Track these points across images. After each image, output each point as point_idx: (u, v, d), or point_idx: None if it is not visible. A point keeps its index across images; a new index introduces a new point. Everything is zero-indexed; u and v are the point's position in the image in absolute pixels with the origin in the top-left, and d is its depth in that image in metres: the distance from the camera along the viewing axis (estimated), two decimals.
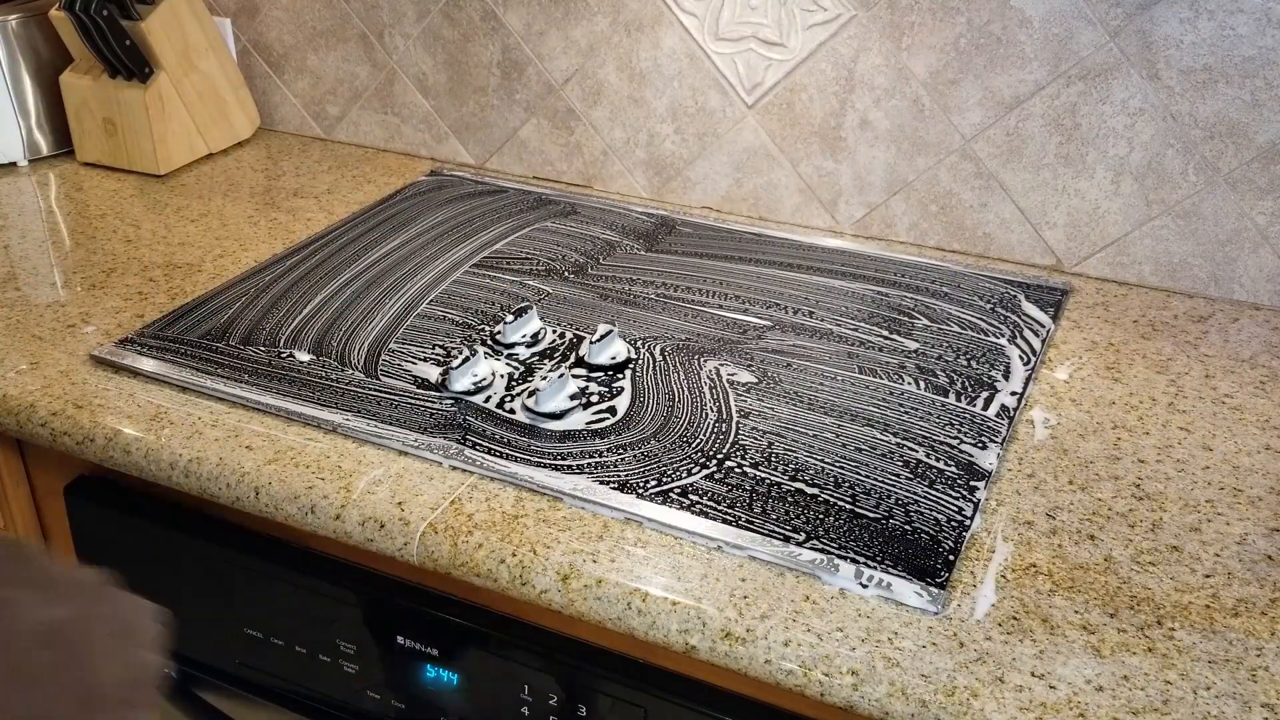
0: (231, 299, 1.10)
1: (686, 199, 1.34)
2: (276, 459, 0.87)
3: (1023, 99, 1.12)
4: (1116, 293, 1.13)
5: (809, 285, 1.15)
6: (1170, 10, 1.03)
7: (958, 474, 0.85)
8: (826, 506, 0.81)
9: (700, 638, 0.72)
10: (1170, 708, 0.65)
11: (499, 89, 1.39)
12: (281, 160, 1.48)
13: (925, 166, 1.19)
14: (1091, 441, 0.89)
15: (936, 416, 0.92)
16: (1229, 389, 0.96)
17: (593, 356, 0.98)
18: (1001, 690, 0.66)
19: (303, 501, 0.84)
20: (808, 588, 0.74)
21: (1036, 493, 0.83)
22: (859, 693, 0.68)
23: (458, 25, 1.37)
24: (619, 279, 1.16)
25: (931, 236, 1.22)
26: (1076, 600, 0.73)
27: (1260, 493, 0.83)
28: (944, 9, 1.12)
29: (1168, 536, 0.79)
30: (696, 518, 0.79)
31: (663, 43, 1.26)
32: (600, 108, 1.34)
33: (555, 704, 0.82)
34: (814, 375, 0.98)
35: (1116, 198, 1.12)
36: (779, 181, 1.28)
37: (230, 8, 1.51)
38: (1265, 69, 1.02)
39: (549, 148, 1.39)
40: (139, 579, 0.96)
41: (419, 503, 0.82)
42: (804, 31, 1.19)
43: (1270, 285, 1.09)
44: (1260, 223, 1.07)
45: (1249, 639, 0.70)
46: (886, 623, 0.71)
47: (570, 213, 1.32)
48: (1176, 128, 1.08)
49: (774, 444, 0.88)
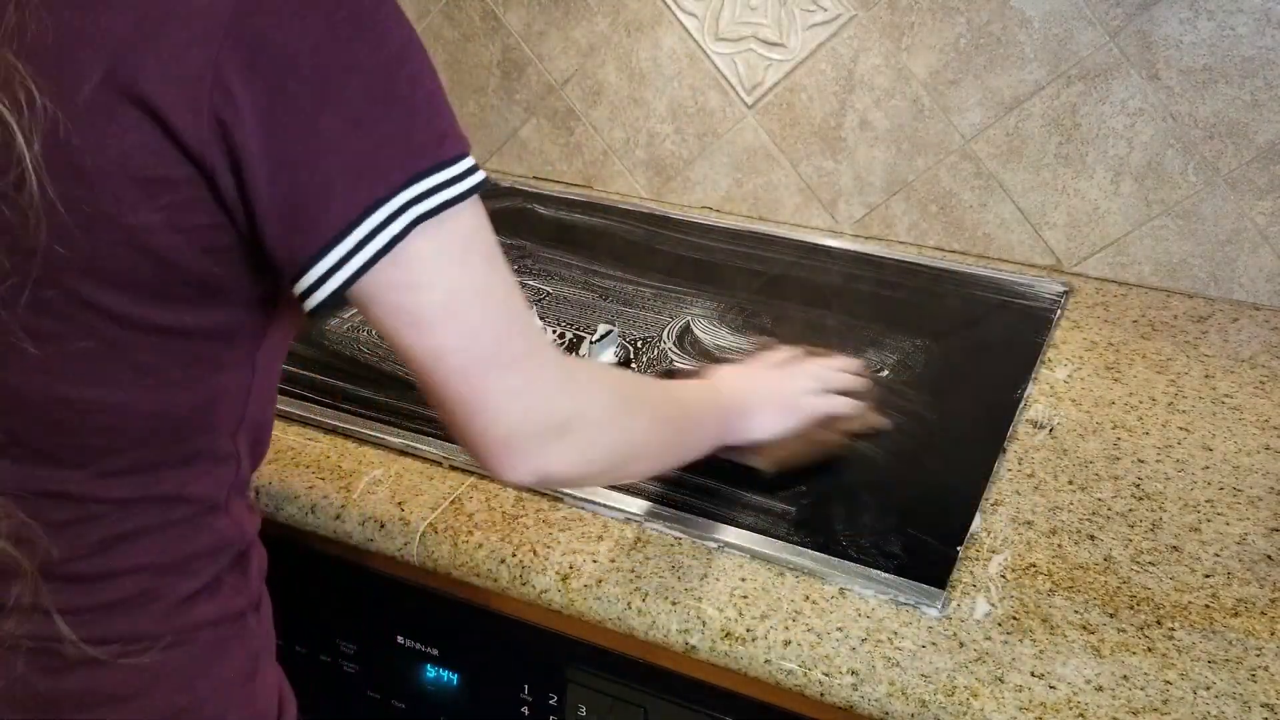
0: None
1: (686, 199, 1.34)
2: (276, 459, 0.87)
3: (1022, 99, 1.12)
4: (1116, 293, 1.13)
5: (809, 285, 1.15)
6: (1170, 10, 1.03)
7: (958, 474, 0.85)
8: (826, 505, 0.81)
9: (700, 638, 0.72)
10: (1170, 708, 0.65)
11: (499, 89, 1.39)
12: None
13: (925, 166, 1.19)
14: (1091, 441, 0.89)
15: (936, 416, 0.92)
16: (1229, 389, 0.96)
17: (593, 356, 0.98)
18: (1001, 690, 0.66)
19: (303, 501, 0.84)
20: (808, 588, 0.74)
21: (1036, 493, 0.83)
22: (859, 693, 0.68)
23: (458, 25, 1.37)
24: (619, 279, 1.16)
25: (931, 236, 1.22)
26: (1076, 600, 0.73)
27: (1260, 493, 0.83)
28: (944, 9, 1.12)
29: (1167, 536, 0.79)
30: (698, 518, 0.79)
31: (663, 43, 1.27)
32: (600, 108, 1.34)
33: (555, 704, 0.82)
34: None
35: (1116, 198, 1.12)
36: (779, 181, 1.28)
37: None
38: (1265, 69, 1.02)
39: (549, 148, 1.39)
40: None
41: (419, 503, 0.82)
42: (804, 31, 1.19)
43: (1270, 285, 1.09)
44: (1260, 223, 1.07)
45: (1249, 639, 0.70)
46: (886, 622, 0.71)
47: (570, 213, 1.32)
48: (1176, 128, 1.08)
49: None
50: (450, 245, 0.55)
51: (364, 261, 0.52)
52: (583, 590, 0.75)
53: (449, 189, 0.54)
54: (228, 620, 0.65)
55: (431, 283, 0.55)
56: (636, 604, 0.74)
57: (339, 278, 0.53)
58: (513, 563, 0.77)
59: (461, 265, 0.56)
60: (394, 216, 0.52)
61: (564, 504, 0.82)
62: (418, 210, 0.53)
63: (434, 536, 0.80)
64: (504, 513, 0.81)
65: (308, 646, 0.92)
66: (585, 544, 0.78)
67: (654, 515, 0.80)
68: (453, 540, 0.79)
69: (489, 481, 0.84)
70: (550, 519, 0.80)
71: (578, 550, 0.77)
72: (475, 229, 0.56)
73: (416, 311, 0.55)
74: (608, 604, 0.75)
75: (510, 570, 0.77)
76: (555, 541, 0.78)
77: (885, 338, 1.04)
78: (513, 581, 0.77)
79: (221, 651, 0.65)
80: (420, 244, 0.53)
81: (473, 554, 0.78)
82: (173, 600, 0.62)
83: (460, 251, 0.55)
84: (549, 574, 0.76)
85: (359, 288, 0.53)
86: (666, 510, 0.80)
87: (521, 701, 0.83)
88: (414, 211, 0.52)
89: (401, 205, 0.52)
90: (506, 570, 0.77)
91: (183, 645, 0.63)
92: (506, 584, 0.77)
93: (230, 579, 0.65)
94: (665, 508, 0.80)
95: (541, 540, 0.78)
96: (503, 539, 0.79)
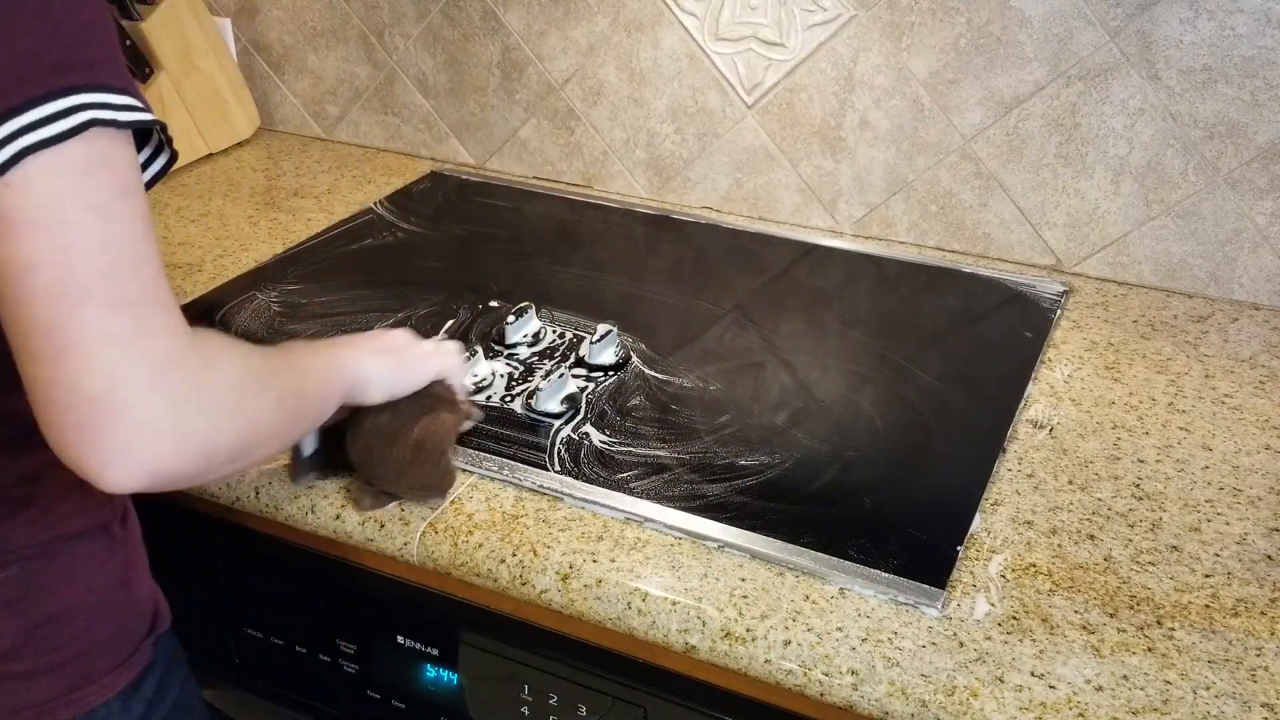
0: (231, 299, 1.10)
1: (686, 199, 1.34)
2: (277, 459, 0.87)
3: (1023, 99, 1.12)
4: (1116, 293, 1.13)
5: (809, 285, 1.15)
6: (1170, 10, 1.03)
7: (958, 474, 0.85)
8: (826, 506, 0.81)
9: (700, 637, 0.72)
10: (1170, 707, 0.65)
11: (499, 89, 1.39)
12: (281, 160, 1.48)
13: (925, 166, 1.19)
14: (1091, 441, 0.89)
15: (936, 416, 0.92)
16: (1229, 389, 0.96)
17: (593, 357, 0.98)
18: (1001, 690, 0.66)
19: (303, 501, 0.84)
20: (808, 587, 0.74)
21: (1036, 493, 0.83)
22: (859, 692, 0.68)
23: (458, 25, 1.37)
24: (618, 278, 1.16)
25: (931, 236, 1.22)
26: (1076, 600, 0.73)
27: (1260, 493, 0.83)
28: (944, 9, 1.12)
29: (1167, 536, 0.79)
30: (697, 517, 0.79)
31: (663, 43, 1.27)
32: (600, 108, 1.34)
33: (555, 704, 0.82)
34: (813, 374, 0.98)
35: (1116, 198, 1.12)
36: (779, 181, 1.28)
37: (230, 8, 1.51)
38: (1265, 69, 1.02)
39: (549, 148, 1.39)
40: None
41: None
42: (804, 31, 1.19)
43: (1270, 285, 1.09)
44: (1260, 223, 1.07)
45: (1249, 639, 0.70)
46: (886, 622, 0.71)
47: (570, 213, 1.32)
48: (1176, 128, 1.08)
49: (773, 442, 0.88)
50: (67, 161, 0.50)
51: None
52: (583, 590, 0.75)
53: (70, 117, 0.50)
54: (95, 530, 0.68)
55: (31, 184, 0.50)
56: (636, 604, 0.74)
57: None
58: (513, 563, 0.77)
59: (78, 177, 0.51)
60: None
61: (564, 504, 0.82)
62: (32, 137, 0.49)
63: (434, 536, 0.80)
64: (504, 513, 0.81)
65: (308, 646, 0.92)
66: (585, 544, 0.78)
67: (654, 515, 0.80)
68: (453, 540, 0.79)
69: (489, 481, 0.84)
70: (550, 519, 0.80)
71: (578, 550, 0.77)
72: (109, 160, 0.52)
73: (6, 212, 0.49)
74: (608, 604, 0.75)
75: (510, 570, 0.77)
76: (555, 541, 0.78)
77: (885, 338, 1.04)
78: (513, 581, 0.77)
79: (89, 559, 0.67)
80: (32, 157, 0.49)
81: (473, 554, 0.78)
82: (37, 510, 0.64)
83: (79, 169, 0.51)
84: (549, 574, 0.76)
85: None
86: (667, 510, 0.80)
87: (521, 701, 0.83)
88: (27, 139, 0.49)
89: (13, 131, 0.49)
90: (506, 570, 0.77)
91: (56, 555, 0.65)
92: (506, 584, 0.77)
93: (95, 490, 0.62)
94: (666, 508, 0.80)
95: (541, 540, 0.78)
96: (503, 539, 0.79)
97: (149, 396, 0.52)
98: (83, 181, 0.51)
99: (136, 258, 0.53)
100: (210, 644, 0.98)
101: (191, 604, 0.96)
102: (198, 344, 0.56)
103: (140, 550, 0.73)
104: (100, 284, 0.51)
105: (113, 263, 0.51)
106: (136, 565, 0.72)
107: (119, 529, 0.70)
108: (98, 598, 0.68)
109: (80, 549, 0.67)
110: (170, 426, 0.53)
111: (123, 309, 0.51)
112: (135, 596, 0.71)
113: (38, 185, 0.50)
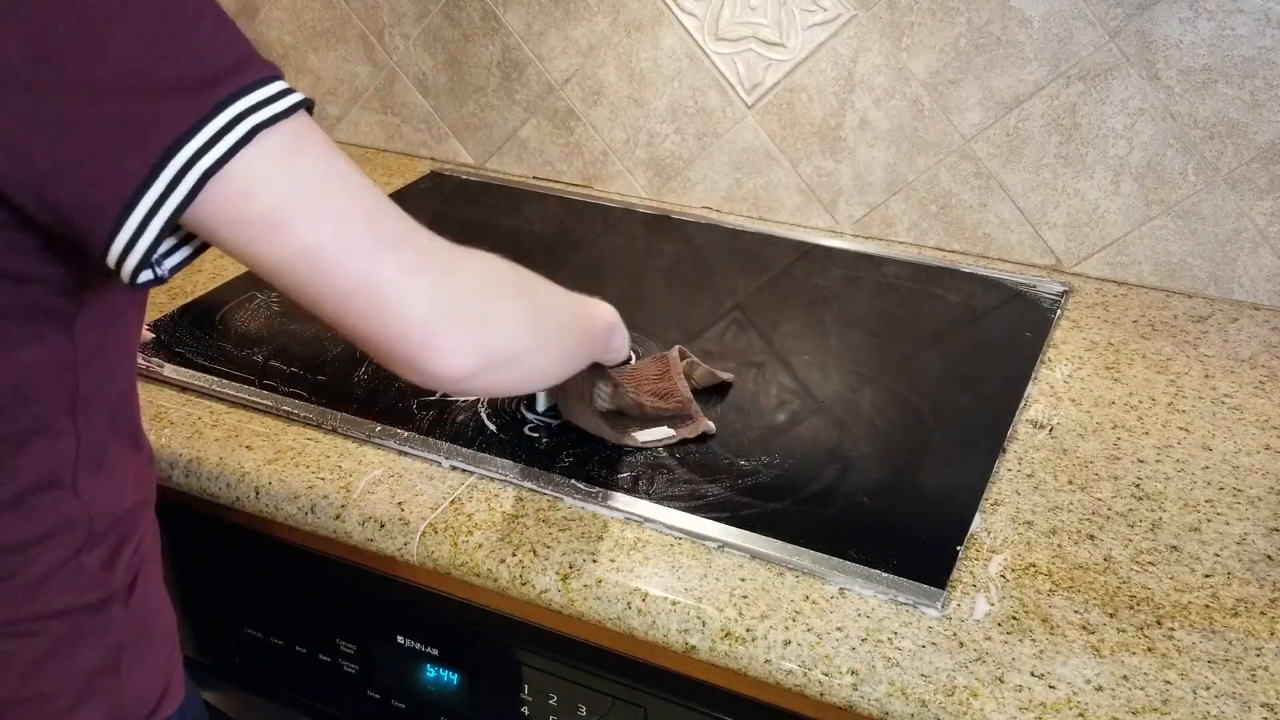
0: (231, 298, 1.10)
1: (686, 199, 1.34)
2: (276, 459, 0.87)
3: (1022, 99, 1.12)
4: (1116, 293, 1.13)
5: (809, 285, 1.15)
6: (1170, 10, 1.03)
7: (958, 474, 0.85)
8: (826, 506, 0.81)
9: (700, 637, 0.72)
10: (1170, 707, 0.65)
11: (499, 89, 1.39)
12: None
13: (925, 166, 1.19)
14: (1091, 441, 0.89)
15: (937, 416, 0.92)
16: (1228, 389, 0.96)
17: None
18: (1001, 690, 0.66)
19: (303, 501, 0.84)
20: (807, 587, 0.74)
21: (1036, 493, 0.83)
22: (859, 692, 0.68)
23: (458, 25, 1.37)
24: (618, 278, 1.16)
25: (931, 236, 1.22)
26: (1076, 600, 0.73)
27: (1260, 493, 0.83)
28: (944, 9, 1.12)
29: (1167, 536, 0.79)
30: (696, 517, 0.79)
31: (663, 43, 1.26)
32: (600, 108, 1.34)
33: (555, 704, 0.82)
34: (813, 374, 0.98)
35: (1116, 198, 1.12)
36: (779, 181, 1.28)
37: (230, 8, 1.51)
38: (1265, 69, 1.02)
39: (549, 148, 1.39)
40: None
41: (419, 503, 0.82)
42: (804, 31, 1.19)
43: (1270, 285, 1.09)
44: (1260, 223, 1.07)
45: (1249, 639, 0.70)
46: (886, 622, 0.71)
47: (570, 213, 1.32)
48: (1176, 128, 1.08)
49: (772, 442, 0.88)
50: (276, 148, 0.52)
51: (172, 207, 0.50)
52: (583, 590, 0.75)
53: (259, 112, 0.51)
54: (81, 611, 0.62)
55: (268, 183, 0.52)
56: (636, 604, 0.74)
57: (149, 234, 0.50)
58: (513, 563, 0.77)
59: (299, 158, 0.53)
60: (187, 166, 0.50)
61: (564, 504, 0.82)
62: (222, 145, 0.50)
63: (434, 536, 0.80)
64: (504, 513, 0.81)
65: (308, 646, 0.92)
66: (585, 544, 0.78)
67: (654, 515, 0.80)
68: (452, 540, 0.79)
69: (489, 481, 0.84)
70: (550, 519, 0.80)
71: (578, 550, 0.77)
72: (304, 133, 0.53)
73: (263, 215, 0.52)
74: (607, 604, 0.75)
75: (510, 570, 0.77)
76: (555, 541, 0.78)
77: (885, 338, 1.04)
78: (513, 581, 0.77)
79: (73, 644, 0.62)
80: (247, 154, 0.51)
81: (472, 554, 0.78)
82: (15, 586, 0.60)
83: (288, 151, 0.52)
84: (549, 574, 0.76)
85: (192, 216, 0.51)
86: (667, 510, 0.80)
87: (521, 701, 0.83)
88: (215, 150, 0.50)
89: (192, 154, 0.50)
90: (506, 570, 0.77)
91: (29, 636, 0.60)
92: (506, 584, 0.77)
93: (89, 566, 0.62)
94: (666, 508, 0.80)
95: (541, 540, 0.78)
96: (502, 539, 0.79)
97: (464, 300, 0.58)
98: (301, 155, 0.53)
99: (386, 203, 0.56)
100: (210, 644, 0.98)
101: (192, 604, 0.96)
102: (467, 251, 0.61)
103: (146, 630, 0.67)
104: (375, 230, 0.55)
105: (374, 212, 0.55)
106: (136, 647, 0.65)
107: (118, 608, 0.64)
108: (78, 686, 0.62)
109: (62, 630, 0.61)
110: (485, 316, 0.60)
111: (405, 243, 0.56)
112: (130, 681, 0.65)
113: (264, 178, 0.52)
